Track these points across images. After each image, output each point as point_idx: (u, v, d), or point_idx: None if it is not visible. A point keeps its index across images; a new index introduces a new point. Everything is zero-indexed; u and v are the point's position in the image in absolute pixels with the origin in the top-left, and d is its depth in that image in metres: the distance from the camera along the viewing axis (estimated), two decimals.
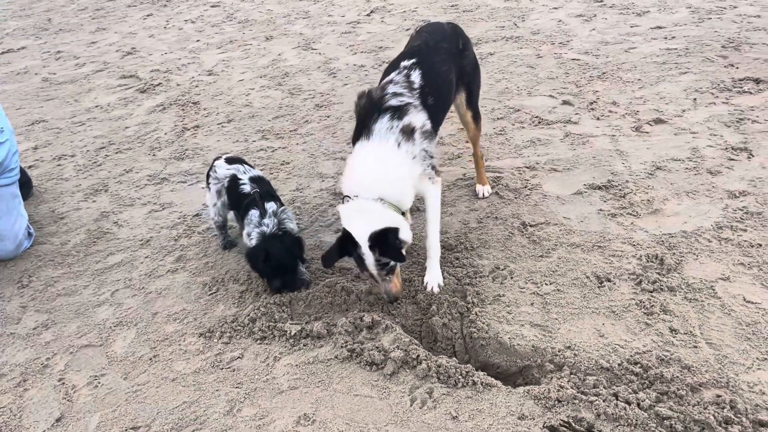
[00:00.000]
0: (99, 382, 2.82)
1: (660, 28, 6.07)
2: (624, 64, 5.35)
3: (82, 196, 4.44)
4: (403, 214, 2.85)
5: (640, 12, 6.59)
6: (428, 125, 2.93)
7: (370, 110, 2.88)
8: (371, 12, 7.86)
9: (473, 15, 7.18)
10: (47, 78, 7.06)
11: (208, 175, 3.60)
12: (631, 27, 6.20)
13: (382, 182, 2.76)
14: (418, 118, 2.88)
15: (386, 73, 3.13)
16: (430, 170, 2.95)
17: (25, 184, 4.39)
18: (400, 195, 2.83)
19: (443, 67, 3.16)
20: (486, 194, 3.79)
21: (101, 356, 2.97)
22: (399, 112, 2.84)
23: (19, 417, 2.70)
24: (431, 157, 2.97)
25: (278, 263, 3.10)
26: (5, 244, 3.71)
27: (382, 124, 2.80)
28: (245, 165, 3.53)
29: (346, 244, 2.73)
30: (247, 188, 3.36)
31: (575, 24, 6.50)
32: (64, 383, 2.84)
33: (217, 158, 3.62)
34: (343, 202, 2.81)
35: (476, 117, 3.58)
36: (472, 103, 3.51)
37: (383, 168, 2.78)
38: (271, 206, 3.25)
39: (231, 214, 3.58)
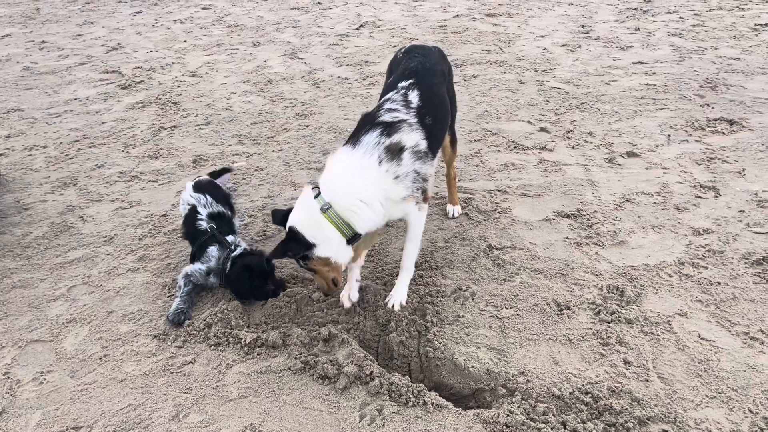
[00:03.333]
0: (45, 379, 2.75)
1: (641, 63, 6.18)
2: (603, 96, 5.42)
3: (50, 188, 4.37)
4: (355, 236, 2.72)
5: (624, 46, 6.70)
6: (423, 145, 2.84)
7: (364, 122, 2.86)
8: (360, 26, 7.90)
9: (461, 37, 7.24)
10: (29, 67, 6.98)
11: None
12: (614, 60, 6.30)
13: (342, 192, 2.68)
14: (411, 137, 2.80)
15: (383, 93, 3.10)
16: (418, 194, 2.84)
17: None
18: (354, 214, 2.69)
19: (441, 88, 3.15)
20: (456, 214, 3.81)
21: (50, 352, 2.91)
22: (390, 128, 2.78)
23: None
24: (424, 180, 2.87)
25: (263, 272, 3.09)
26: None
27: (371, 138, 2.75)
28: (208, 197, 3.53)
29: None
30: (203, 225, 3.38)
31: (560, 53, 6.58)
32: (9, 377, 2.77)
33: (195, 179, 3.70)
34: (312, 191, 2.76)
35: (453, 141, 3.60)
36: (451, 127, 3.51)
37: (351, 180, 2.71)
38: (230, 238, 3.32)
39: None
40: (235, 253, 3.17)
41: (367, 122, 2.83)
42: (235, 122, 5.30)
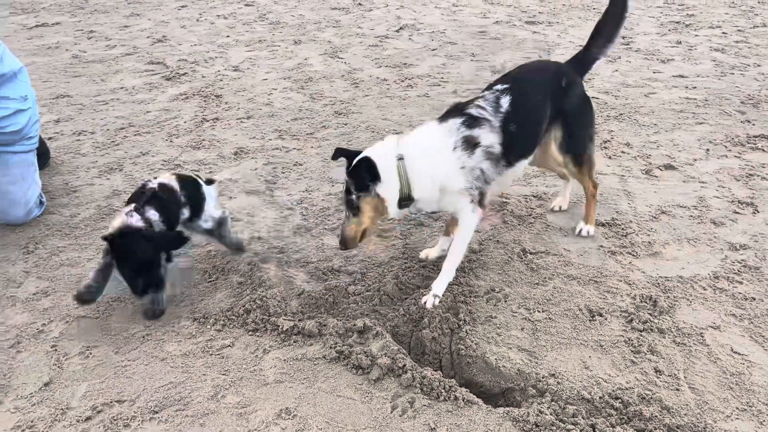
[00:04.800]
0: (90, 353, 2.87)
1: (682, 77, 6.14)
2: (642, 108, 5.41)
3: (97, 172, 4.52)
4: (408, 198, 2.92)
5: (664, 59, 6.67)
6: (497, 149, 2.96)
7: (454, 109, 3.06)
8: (400, 28, 7.97)
9: (500, 43, 7.27)
10: (77, 55, 7.19)
11: None
12: (654, 72, 6.28)
13: (417, 154, 2.90)
14: (488, 136, 2.94)
15: (482, 92, 3.20)
16: (475, 192, 2.97)
17: (43, 155, 4.48)
18: (418, 177, 2.90)
19: (535, 99, 3.14)
20: (585, 233, 3.61)
21: (96, 328, 3.03)
22: (472, 121, 2.95)
23: (8, 377, 2.75)
24: (486, 182, 3.00)
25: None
26: (16, 209, 3.79)
27: (456, 123, 2.94)
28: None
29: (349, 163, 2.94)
30: None
31: (599, 63, 6.55)
32: (56, 350, 2.90)
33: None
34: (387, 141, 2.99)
35: (577, 160, 3.39)
36: (570, 147, 3.33)
37: (427, 148, 2.92)
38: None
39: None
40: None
41: (457, 110, 3.03)
42: (275, 117, 5.41)
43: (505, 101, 3.02)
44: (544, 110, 3.18)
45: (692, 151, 4.63)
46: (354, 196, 2.90)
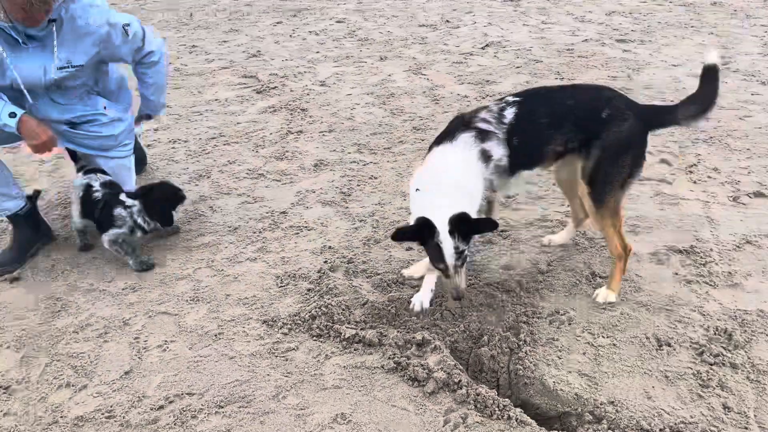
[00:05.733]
0: (168, 347, 3.09)
1: None
2: (735, 132, 5.16)
3: (188, 178, 4.83)
4: None
5: (765, 81, 6.31)
6: (505, 162, 3.03)
7: (458, 124, 3.09)
8: (486, 45, 7.99)
9: (587, 61, 7.13)
10: (179, 68, 7.69)
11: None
12: (752, 95, 5.96)
13: (459, 180, 2.94)
14: (497, 150, 3.01)
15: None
16: (483, 202, 3.11)
17: (141, 160, 4.84)
18: (472, 197, 2.97)
19: (544, 119, 3.06)
20: (601, 300, 3.23)
21: (174, 324, 3.25)
22: (483, 135, 3.01)
23: (95, 364, 3.01)
24: (494, 190, 3.16)
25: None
26: None
27: (468, 137, 3.00)
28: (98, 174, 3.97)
29: (423, 230, 2.84)
30: (98, 195, 3.80)
31: (692, 84, 6.26)
32: (138, 342, 3.14)
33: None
34: (416, 192, 3.01)
35: (597, 199, 3.09)
36: (595, 179, 3.07)
37: (462, 168, 2.97)
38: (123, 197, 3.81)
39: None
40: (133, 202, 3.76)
41: (462, 124, 3.08)
42: (355, 131, 5.58)
43: (510, 113, 3.05)
44: (554, 133, 3.07)
45: None
46: (463, 250, 2.86)
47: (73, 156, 4.22)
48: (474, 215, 2.92)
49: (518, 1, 10.15)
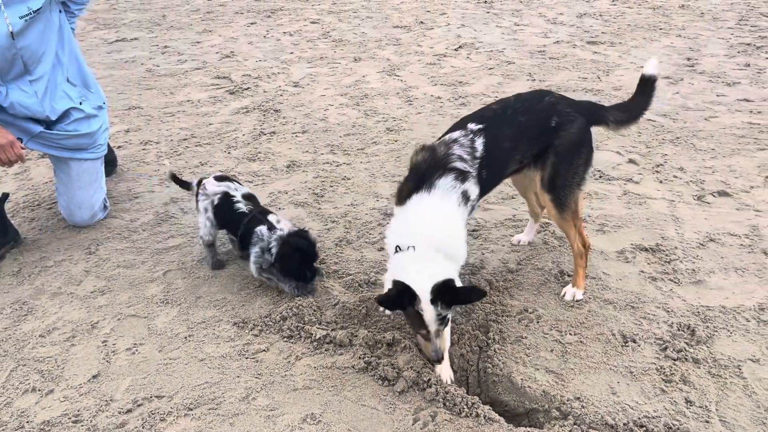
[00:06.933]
0: (137, 350, 3.06)
1: (747, 101, 5.94)
2: (700, 132, 5.27)
3: (158, 180, 4.80)
4: None
5: (730, 82, 6.46)
6: (475, 199, 2.94)
7: (432, 166, 2.83)
8: (459, 47, 8.04)
9: (558, 63, 7.23)
10: (151, 69, 7.62)
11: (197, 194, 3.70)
12: (717, 96, 6.09)
13: (443, 235, 2.72)
14: (473, 189, 2.89)
15: (452, 129, 3.07)
16: None
17: (111, 162, 4.80)
18: (458, 250, 2.80)
19: (507, 143, 3.01)
20: (569, 297, 3.29)
21: (143, 327, 3.23)
22: (462, 176, 2.83)
23: (61, 368, 2.97)
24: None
25: (308, 256, 3.28)
26: (82, 212, 4.08)
27: (446, 181, 2.78)
28: (234, 183, 3.64)
29: (402, 298, 2.58)
30: (242, 207, 3.47)
31: (660, 85, 6.38)
32: (106, 345, 3.11)
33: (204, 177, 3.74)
34: (396, 252, 2.74)
35: (557, 200, 3.14)
36: (555, 186, 3.11)
37: (445, 221, 2.76)
38: (272, 217, 3.43)
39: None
40: (283, 232, 3.32)
41: (438, 166, 2.83)
42: (329, 132, 5.58)
43: (480, 144, 2.92)
44: (515, 155, 3.07)
45: (750, 178, 4.47)
46: (445, 315, 2.62)
47: (178, 181, 3.96)
48: (457, 275, 2.72)
49: (491, 3, 10.25)
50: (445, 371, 2.80)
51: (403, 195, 2.87)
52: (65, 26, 3.96)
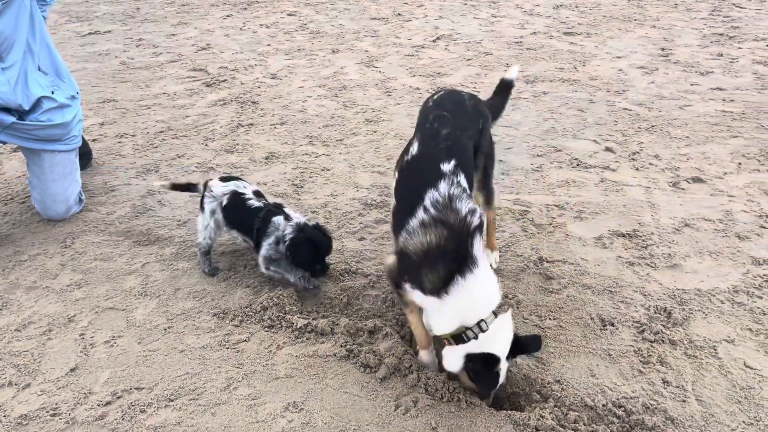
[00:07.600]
0: (115, 343, 3.03)
1: (720, 89, 6.03)
2: (675, 120, 5.34)
3: (135, 173, 4.74)
4: None
5: (703, 72, 6.55)
6: None
7: (460, 238, 2.46)
8: (437, 38, 8.05)
9: (535, 53, 7.27)
10: (125, 62, 7.51)
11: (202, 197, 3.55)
12: (691, 85, 6.18)
13: (494, 300, 2.56)
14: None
15: (420, 143, 2.87)
16: None
17: (86, 155, 4.73)
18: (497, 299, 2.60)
19: (470, 164, 2.88)
20: (491, 263, 3.39)
21: (122, 320, 3.19)
22: (480, 229, 2.55)
23: (38, 362, 2.93)
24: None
25: (321, 249, 3.24)
26: (57, 206, 4.01)
27: (478, 246, 2.50)
28: (241, 181, 3.54)
29: (496, 368, 2.49)
30: (255, 203, 3.39)
31: (635, 75, 6.51)
32: (84, 338, 3.07)
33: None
34: (481, 330, 2.48)
35: (489, 198, 3.25)
36: (487, 185, 3.19)
37: (492, 288, 2.56)
38: (288, 210, 3.40)
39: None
40: (300, 221, 3.28)
41: (464, 235, 2.47)
42: (307, 124, 5.55)
43: (463, 180, 2.69)
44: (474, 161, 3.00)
45: (723, 165, 4.55)
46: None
47: (180, 187, 3.74)
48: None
49: None
50: (428, 358, 2.81)
51: (439, 284, 2.47)
52: (36, 13, 3.88)
